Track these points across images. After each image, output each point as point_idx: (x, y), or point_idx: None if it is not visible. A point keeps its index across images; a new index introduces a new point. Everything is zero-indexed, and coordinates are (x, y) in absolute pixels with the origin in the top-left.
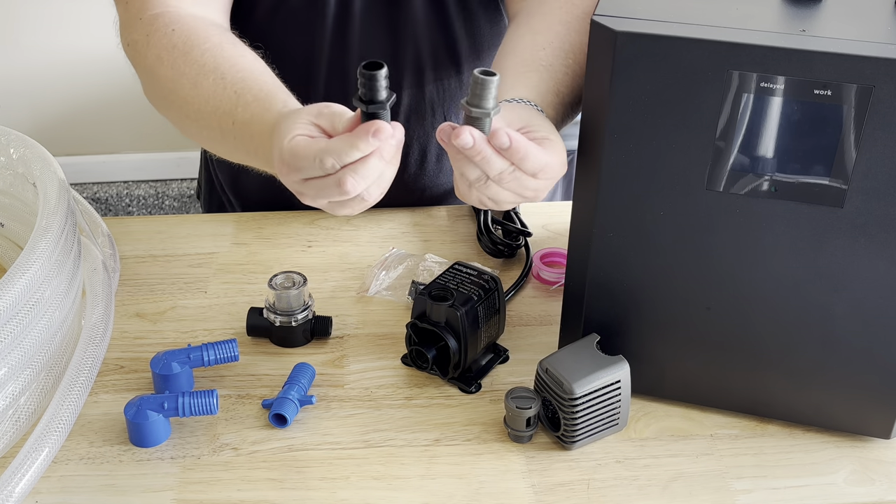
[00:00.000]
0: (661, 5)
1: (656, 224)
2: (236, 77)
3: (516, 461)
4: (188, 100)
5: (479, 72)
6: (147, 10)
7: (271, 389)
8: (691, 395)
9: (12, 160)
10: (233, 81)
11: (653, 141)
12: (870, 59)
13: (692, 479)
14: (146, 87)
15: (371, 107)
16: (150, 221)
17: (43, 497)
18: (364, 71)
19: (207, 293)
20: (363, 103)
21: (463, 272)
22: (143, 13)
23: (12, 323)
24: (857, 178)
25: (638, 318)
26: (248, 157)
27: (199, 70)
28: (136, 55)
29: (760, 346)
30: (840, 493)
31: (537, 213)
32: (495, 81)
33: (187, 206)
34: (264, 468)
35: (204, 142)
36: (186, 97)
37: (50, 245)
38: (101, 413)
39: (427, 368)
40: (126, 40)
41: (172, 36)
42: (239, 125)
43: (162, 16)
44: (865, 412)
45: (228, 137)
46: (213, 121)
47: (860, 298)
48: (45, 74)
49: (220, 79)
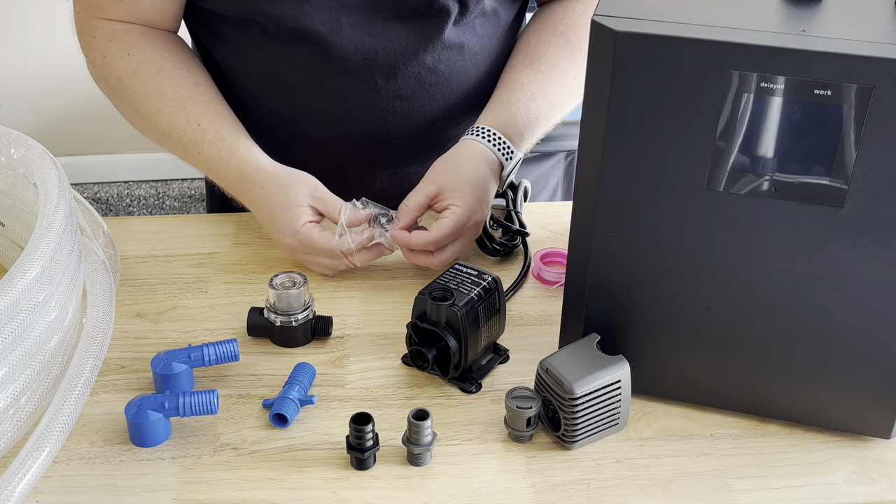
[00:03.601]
0: (661, 5)
1: (656, 224)
2: (198, 110)
3: (516, 461)
4: (153, 121)
5: (412, 415)
6: (98, 28)
7: (272, 389)
8: (691, 394)
9: (13, 160)
10: (195, 115)
11: (653, 141)
12: (870, 59)
13: (692, 479)
14: (110, 99)
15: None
16: (150, 221)
17: (44, 497)
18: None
19: (208, 293)
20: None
21: (463, 272)
22: (95, 29)
23: (13, 323)
24: (858, 178)
25: (638, 317)
26: (213, 176)
27: (160, 98)
28: (97, 71)
29: (760, 346)
30: (840, 492)
31: (537, 213)
32: (428, 425)
33: (188, 206)
34: (265, 468)
35: (170, 152)
36: (150, 118)
37: (51, 245)
38: (101, 413)
39: (427, 368)
40: (84, 50)
41: (129, 61)
42: (204, 159)
43: (115, 37)
44: (865, 412)
45: (193, 162)
46: (179, 147)
47: (860, 298)
48: (46, 75)
49: (182, 110)
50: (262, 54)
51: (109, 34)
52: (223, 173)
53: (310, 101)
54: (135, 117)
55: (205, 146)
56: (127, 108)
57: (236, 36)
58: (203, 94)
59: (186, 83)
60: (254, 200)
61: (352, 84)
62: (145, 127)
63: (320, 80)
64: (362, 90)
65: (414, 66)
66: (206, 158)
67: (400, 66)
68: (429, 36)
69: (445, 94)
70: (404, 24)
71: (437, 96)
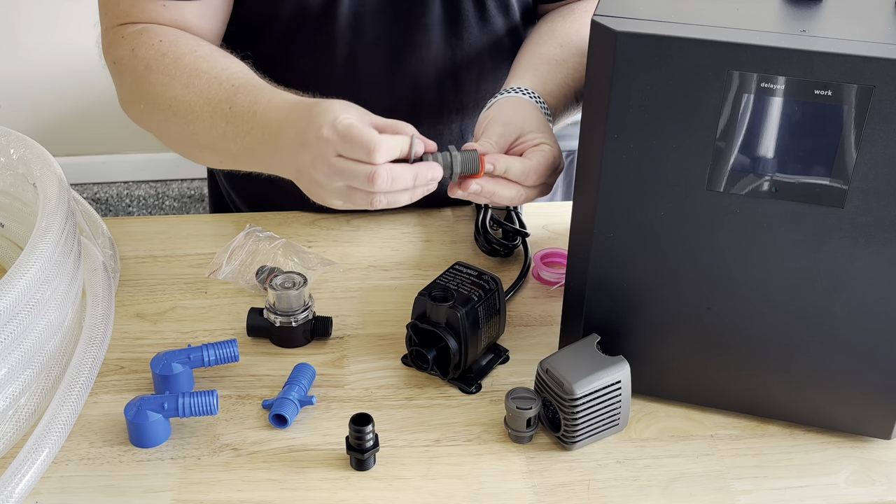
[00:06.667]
0: (661, 5)
1: (656, 224)
2: (232, 76)
3: (517, 462)
4: (178, 98)
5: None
6: (129, 28)
7: (271, 390)
8: (692, 395)
9: (12, 160)
10: (228, 79)
11: (653, 141)
12: (870, 59)
13: (692, 480)
14: (128, 97)
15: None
16: (150, 222)
17: (43, 497)
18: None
19: (208, 293)
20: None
21: (463, 272)
22: (125, 30)
23: (13, 323)
24: (858, 178)
25: (638, 318)
26: (237, 140)
27: (191, 73)
28: (123, 70)
29: (760, 346)
30: (840, 493)
31: (537, 214)
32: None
33: (188, 207)
34: (264, 468)
35: (188, 139)
36: (176, 96)
37: (50, 246)
38: (101, 413)
39: (427, 369)
40: (111, 58)
41: (161, 46)
42: (238, 108)
43: (146, 30)
44: (866, 412)
45: (219, 124)
46: (206, 111)
47: (860, 298)
48: (45, 75)
49: (214, 78)
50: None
51: (140, 29)
52: (259, 116)
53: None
54: (156, 105)
55: (238, 97)
56: (150, 95)
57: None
58: (239, 68)
59: (223, 60)
60: (297, 123)
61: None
62: (167, 114)
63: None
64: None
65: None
66: (240, 107)
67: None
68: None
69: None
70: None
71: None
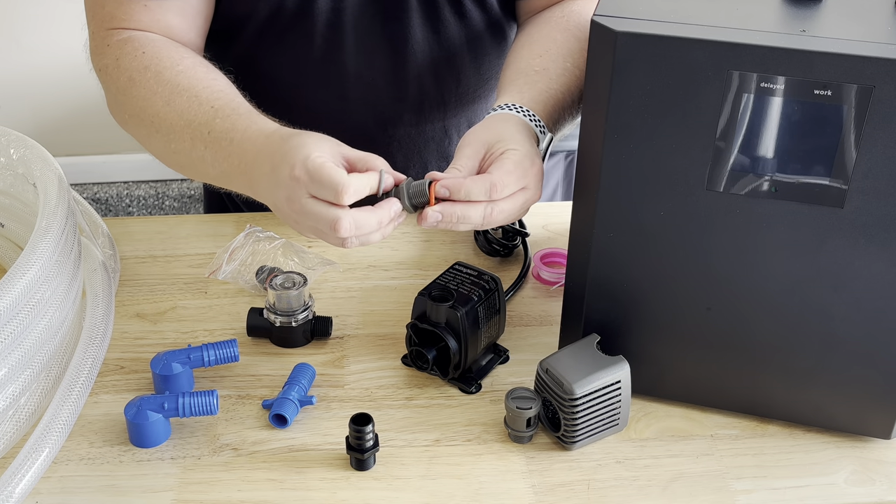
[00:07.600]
0: (661, 5)
1: (656, 224)
2: (212, 96)
3: (516, 461)
4: (160, 115)
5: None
6: (114, 35)
7: (271, 390)
8: (691, 395)
9: (12, 161)
10: (208, 99)
11: (653, 141)
12: (870, 59)
13: (692, 480)
14: (114, 105)
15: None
16: (150, 222)
17: (43, 497)
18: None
19: (208, 293)
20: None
21: (463, 272)
22: (110, 38)
23: (13, 323)
24: (858, 178)
25: (638, 318)
26: (216, 166)
27: (172, 89)
28: (108, 78)
29: (760, 346)
30: (840, 493)
31: (537, 214)
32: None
33: (187, 207)
34: (264, 468)
35: (169, 156)
36: (158, 112)
37: (50, 246)
38: (101, 413)
39: (427, 369)
40: (97, 65)
41: (143, 58)
42: (216, 133)
43: (130, 40)
44: (865, 412)
45: (199, 147)
46: (186, 133)
47: (860, 298)
48: (45, 75)
49: (195, 97)
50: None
51: (125, 39)
52: (236, 144)
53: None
54: (140, 120)
55: (217, 122)
56: (133, 109)
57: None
58: (221, 85)
59: (203, 77)
60: (271, 158)
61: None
62: (150, 129)
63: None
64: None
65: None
66: (218, 133)
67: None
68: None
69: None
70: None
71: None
